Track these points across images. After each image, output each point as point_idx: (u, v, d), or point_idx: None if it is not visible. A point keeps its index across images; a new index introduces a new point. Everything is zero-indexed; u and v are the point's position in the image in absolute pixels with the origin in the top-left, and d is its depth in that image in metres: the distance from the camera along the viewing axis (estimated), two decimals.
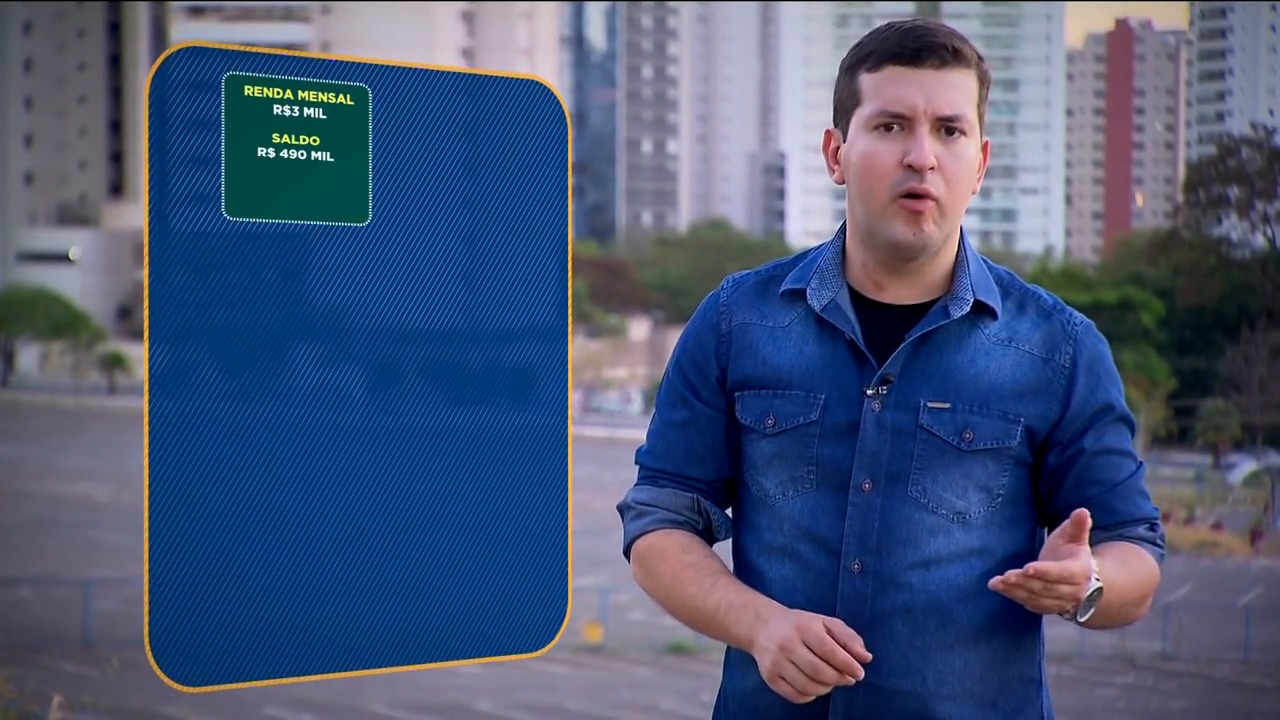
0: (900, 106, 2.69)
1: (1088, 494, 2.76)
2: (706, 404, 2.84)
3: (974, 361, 2.74)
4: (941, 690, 2.72)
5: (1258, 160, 76.30)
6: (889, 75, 2.70)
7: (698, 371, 2.85)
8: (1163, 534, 2.82)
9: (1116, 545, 2.75)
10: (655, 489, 2.87)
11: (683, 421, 2.85)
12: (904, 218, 2.69)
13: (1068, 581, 2.54)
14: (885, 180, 2.69)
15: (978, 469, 2.72)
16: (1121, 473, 2.78)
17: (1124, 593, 2.69)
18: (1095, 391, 2.77)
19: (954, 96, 2.69)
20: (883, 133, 2.70)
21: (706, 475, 2.85)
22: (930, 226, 2.69)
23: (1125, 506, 2.78)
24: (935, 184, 2.68)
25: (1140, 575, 2.73)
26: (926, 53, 2.69)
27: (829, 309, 2.76)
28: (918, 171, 2.67)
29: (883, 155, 2.69)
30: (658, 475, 2.88)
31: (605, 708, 22.25)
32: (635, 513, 2.88)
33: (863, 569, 2.71)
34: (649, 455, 2.90)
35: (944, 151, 2.69)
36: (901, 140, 2.69)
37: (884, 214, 2.70)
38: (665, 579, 2.82)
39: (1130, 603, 2.72)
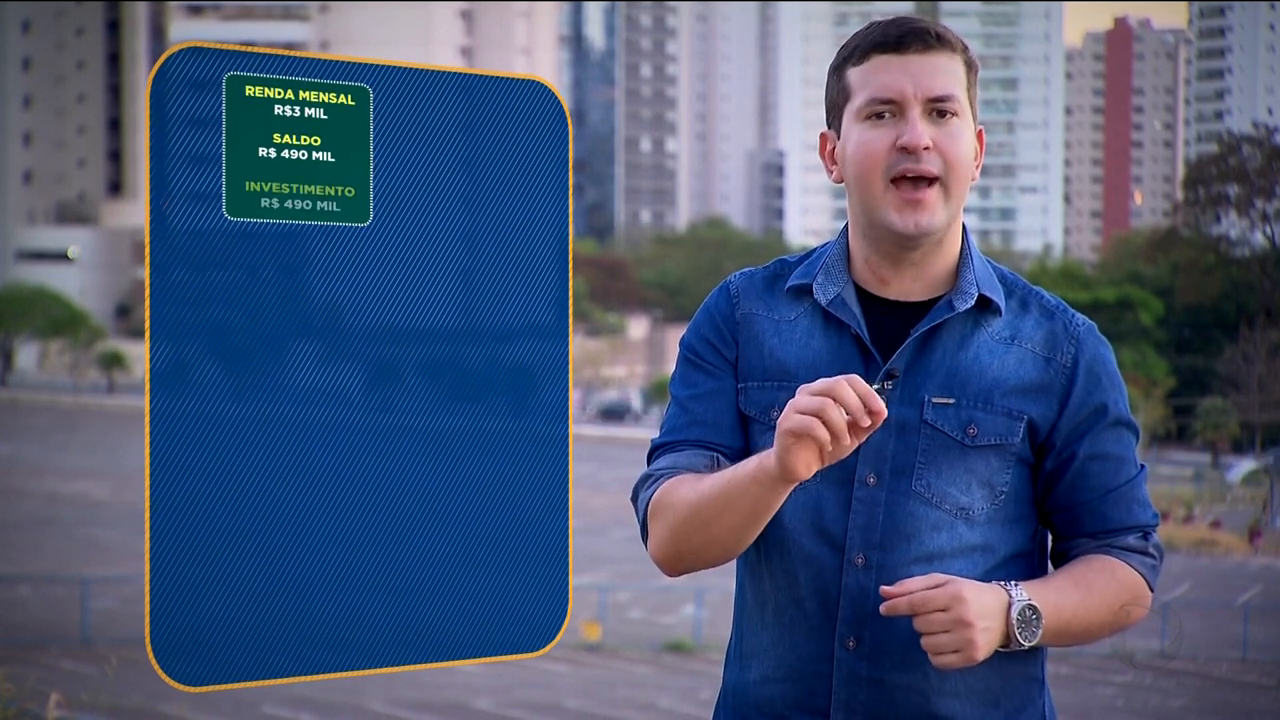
0: (889, 92, 2.69)
1: (1079, 499, 2.77)
2: (725, 375, 2.80)
3: (978, 358, 2.74)
4: (944, 686, 2.72)
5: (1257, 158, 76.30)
6: (875, 65, 2.71)
7: (711, 349, 2.81)
8: (1156, 543, 2.80)
9: (1083, 562, 2.76)
10: (673, 454, 2.78)
11: (704, 393, 2.80)
12: (900, 205, 2.69)
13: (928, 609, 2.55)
14: (880, 166, 2.69)
15: (981, 464, 2.73)
16: (1117, 479, 2.77)
17: (1078, 612, 2.69)
18: (1092, 393, 2.76)
19: (942, 78, 2.70)
20: (875, 121, 2.70)
21: (728, 441, 2.78)
22: (930, 214, 2.69)
23: (1117, 514, 2.77)
24: (932, 163, 2.68)
25: (1108, 591, 2.72)
26: (910, 38, 2.70)
27: (835, 303, 2.76)
28: (912, 153, 2.67)
29: (876, 142, 2.70)
30: (676, 444, 2.79)
31: (604, 706, 22.26)
32: (649, 482, 2.78)
33: (866, 563, 2.71)
34: (664, 434, 2.82)
35: (938, 132, 2.69)
36: (894, 126, 2.69)
37: (881, 202, 2.70)
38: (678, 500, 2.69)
39: (1095, 621, 2.72)
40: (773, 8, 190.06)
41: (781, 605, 2.76)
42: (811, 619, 2.74)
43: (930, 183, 2.69)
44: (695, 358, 2.84)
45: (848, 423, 2.48)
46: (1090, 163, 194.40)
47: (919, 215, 2.69)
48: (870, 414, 2.48)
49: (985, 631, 2.59)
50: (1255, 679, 27.85)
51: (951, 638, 2.57)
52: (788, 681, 2.76)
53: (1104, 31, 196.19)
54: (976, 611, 2.58)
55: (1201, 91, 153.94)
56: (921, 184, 2.69)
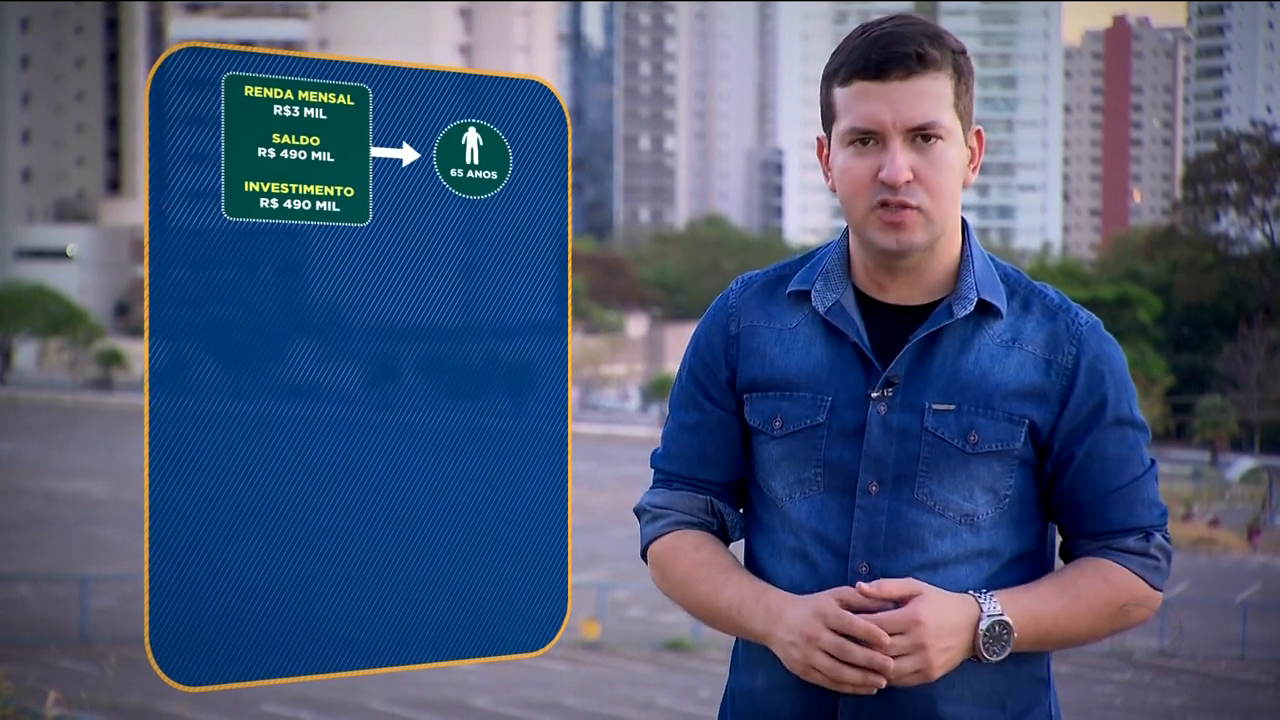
0: (869, 123, 2.68)
1: (1079, 500, 2.76)
2: (718, 405, 2.85)
3: (978, 363, 2.74)
4: (951, 691, 2.71)
5: (1256, 156, 76.28)
6: (857, 91, 2.69)
7: (708, 373, 2.86)
8: (1160, 543, 2.78)
9: (1076, 566, 2.76)
10: (670, 492, 2.90)
11: (695, 424, 2.87)
12: (882, 227, 2.69)
13: (885, 634, 2.59)
14: (863, 195, 2.70)
15: (983, 470, 2.72)
16: (1118, 479, 2.76)
17: (1060, 619, 2.70)
18: (1093, 393, 2.75)
19: (924, 106, 2.67)
20: (858, 148, 2.70)
21: (719, 477, 2.87)
22: (910, 234, 2.69)
23: (1117, 516, 2.76)
24: (912, 195, 2.68)
25: (1097, 597, 2.72)
26: (890, 65, 2.67)
27: (834, 311, 2.77)
28: (892, 187, 2.67)
29: (858, 170, 2.70)
30: (672, 478, 2.90)
31: (603, 704, 22.25)
32: (650, 516, 2.90)
33: (870, 571, 2.71)
34: (663, 459, 2.92)
35: (920, 160, 2.68)
36: (875, 155, 2.69)
37: (865, 224, 2.71)
38: (679, 578, 2.84)
39: (1080, 627, 2.72)
40: (771, 6, 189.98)
41: None
42: None
43: (913, 208, 2.69)
44: (690, 381, 2.90)
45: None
46: (1089, 161, 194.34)
47: (900, 234, 2.69)
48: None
49: (944, 652, 2.62)
50: (1254, 677, 27.85)
51: (908, 660, 2.60)
52: (795, 689, 2.76)
53: (1103, 30, 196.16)
54: (934, 633, 2.60)
55: (1200, 90, 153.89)
56: (901, 209, 2.69)
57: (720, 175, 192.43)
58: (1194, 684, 26.90)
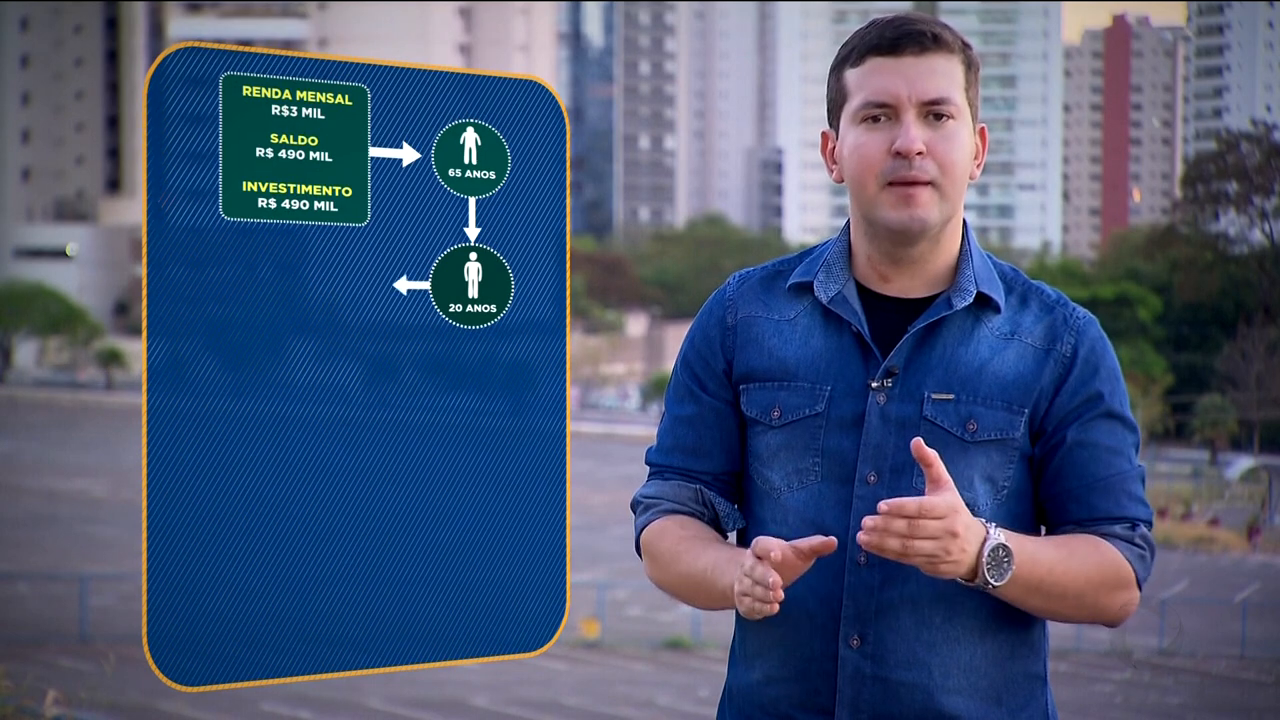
0: (883, 96, 2.71)
1: (1067, 486, 2.75)
2: (714, 396, 2.85)
3: (977, 354, 2.75)
4: (947, 683, 2.72)
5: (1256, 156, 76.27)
6: (871, 67, 2.72)
7: (704, 365, 2.87)
8: (1144, 535, 2.76)
9: (1068, 534, 2.74)
10: (661, 483, 2.90)
11: (690, 416, 2.87)
12: (893, 203, 2.70)
13: (930, 515, 2.51)
14: (875, 169, 2.71)
15: (983, 460, 2.73)
16: (1107, 469, 2.75)
17: (1055, 568, 2.65)
18: (1088, 383, 2.76)
19: (937, 81, 2.71)
20: (870, 124, 2.72)
21: (711, 468, 2.87)
22: (924, 209, 2.70)
23: (1104, 503, 2.75)
24: (926, 169, 2.70)
25: (1089, 562, 2.69)
26: (906, 40, 2.71)
27: (836, 300, 2.78)
28: (905, 158, 2.69)
29: (871, 145, 2.71)
30: (664, 470, 2.90)
31: (602, 703, 22.26)
32: (643, 507, 2.91)
33: (868, 561, 2.71)
34: (657, 452, 2.93)
35: (933, 135, 2.71)
36: (889, 129, 2.71)
37: (877, 201, 2.72)
38: (666, 558, 2.83)
39: (1074, 585, 2.67)
40: (771, 5, 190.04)
41: (784, 604, 2.75)
42: (815, 618, 2.74)
43: (925, 183, 2.70)
44: (685, 374, 2.90)
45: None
46: (1089, 160, 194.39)
47: (913, 209, 2.70)
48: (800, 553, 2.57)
49: (962, 552, 2.56)
50: (1253, 676, 27.86)
51: (931, 544, 2.54)
52: (792, 681, 2.77)
53: (1102, 29, 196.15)
54: (964, 526, 2.56)
55: (1200, 89, 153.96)
56: (916, 184, 2.70)
57: (720, 174, 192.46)
58: (1193, 683, 26.91)
